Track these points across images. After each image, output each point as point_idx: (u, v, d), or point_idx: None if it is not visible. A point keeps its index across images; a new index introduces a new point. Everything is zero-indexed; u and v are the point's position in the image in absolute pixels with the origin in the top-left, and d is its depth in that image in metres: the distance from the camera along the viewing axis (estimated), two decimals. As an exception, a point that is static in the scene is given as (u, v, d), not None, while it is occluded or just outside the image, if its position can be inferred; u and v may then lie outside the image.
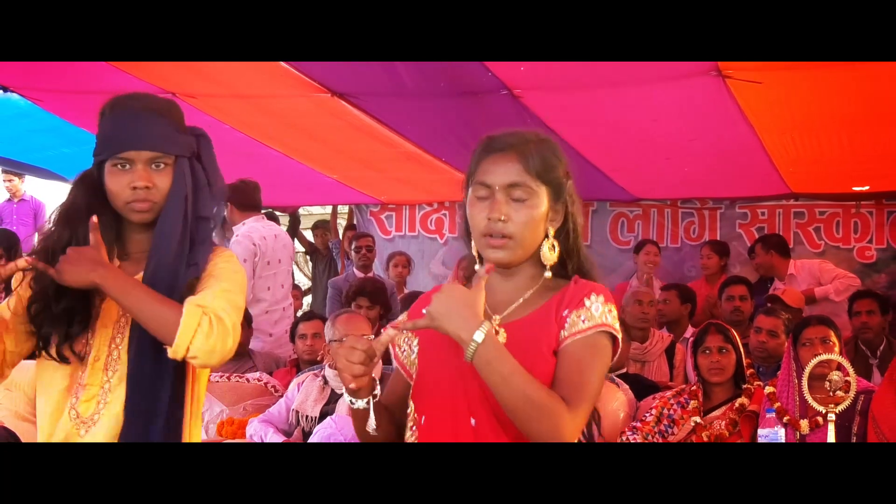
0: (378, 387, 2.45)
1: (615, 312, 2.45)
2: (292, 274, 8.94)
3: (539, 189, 2.43)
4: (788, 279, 8.65)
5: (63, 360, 2.74)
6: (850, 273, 8.83)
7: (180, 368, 2.73)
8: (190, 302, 2.61)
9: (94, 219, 2.70)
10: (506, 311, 2.49)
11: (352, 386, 2.36)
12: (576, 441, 2.35)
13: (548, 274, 2.49)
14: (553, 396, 2.29)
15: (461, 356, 2.28)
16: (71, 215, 2.77)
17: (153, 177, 2.73)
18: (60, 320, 2.73)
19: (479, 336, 2.24)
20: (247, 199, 7.56)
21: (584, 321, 2.39)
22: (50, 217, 2.84)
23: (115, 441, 2.71)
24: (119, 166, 2.72)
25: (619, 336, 2.44)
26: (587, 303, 2.41)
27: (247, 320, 7.26)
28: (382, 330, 2.39)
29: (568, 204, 2.51)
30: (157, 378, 2.70)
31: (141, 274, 2.74)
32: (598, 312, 2.41)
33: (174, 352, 2.57)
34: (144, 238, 2.80)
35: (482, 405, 2.36)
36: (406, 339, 2.63)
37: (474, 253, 2.52)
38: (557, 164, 2.48)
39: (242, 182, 7.51)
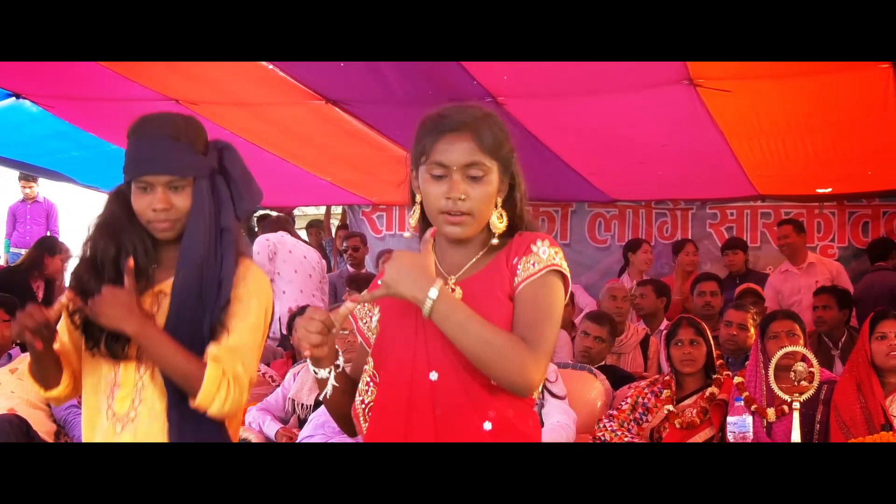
0: (341, 357, 2.46)
1: (562, 254, 2.46)
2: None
3: (492, 165, 2.42)
4: (808, 267, 8.63)
5: (115, 356, 2.74)
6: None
7: None
8: (212, 359, 2.63)
9: (130, 262, 2.70)
10: (459, 272, 2.49)
11: (306, 353, 2.37)
12: (542, 378, 2.36)
13: (495, 241, 2.48)
14: (513, 338, 2.30)
15: (420, 316, 2.29)
16: (113, 227, 2.77)
17: (172, 198, 2.72)
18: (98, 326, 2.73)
19: (433, 293, 2.25)
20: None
21: (533, 265, 2.40)
22: (88, 229, 2.83)
23: (153, 438, 2.70)
24: (141, 188, 2.72)
25: (568, 274, 2.45)
26: (534, 248, 2.42)
27: None
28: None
29: (514, 174, 2.51)
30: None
31: (170, 280, 2.74)
32: (545, 255, 2.42)
33: (193, 405, 2.62)
34: (175, 247, 2.78)
35: (445, 357, 2.35)
36: (367, 311, 2.61)
37: (411, 221, 2.55)
38: (505, 139, 2.47)
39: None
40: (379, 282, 2.38)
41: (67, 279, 2.84)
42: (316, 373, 2.44)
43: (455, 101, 5.88)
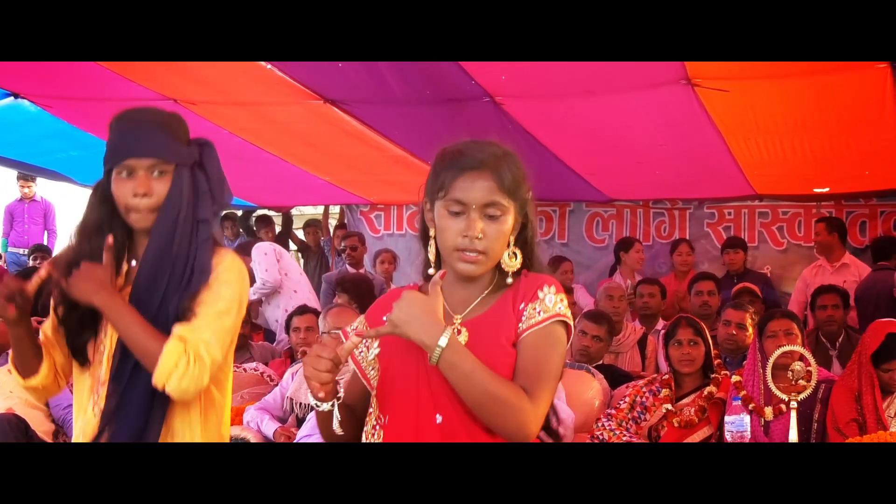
0: (341, 390, 2.44)
1: (566, 301, 2.45)
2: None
3: (509, 205, 2.41)
4: (842, 266, 8.62)
5: (86, 361, 2.76)
6: None
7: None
8: (175, 336, 2.62)
9: (110, 239, 2.71)
10: (465, 311, 2.47)
11: (321, 395, 2.35)
12: (539, 430, 2.35)
13: (510, 280, 2.46)
14: (516, 391, 2.29)
15: (423, 357, 2.29)
16: (87, 230, 2.78)
17: (152, 184, 2.72)
18: (77, 324, 2.75)
19: (443, 341, 2.23)
20: None
21: (539, 313, 2.39)
22: (73, 232, 2.84)
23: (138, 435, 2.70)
24: (123, 174, 2.72)
25: (572, 323, 2.45)
26: (541, 294, 2.41)
27: (249, 316, 7.39)
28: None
29: (528, 213, 2.50)
30: (139, 374, 2.70)
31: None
32: (551, 303, 2.41)
33: (154, 384, 2.61)
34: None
35: (449, 401, 2.34)
36: (364, 342, 2.59)
37: (430, 257, 2.49)
38: (523, 179, 2.46)
39: None
40: (384, 318, 2.35)
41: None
42: (317, 405, 2.40)
43: (453, 101, 5.84)
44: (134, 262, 2.80)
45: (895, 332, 5.04)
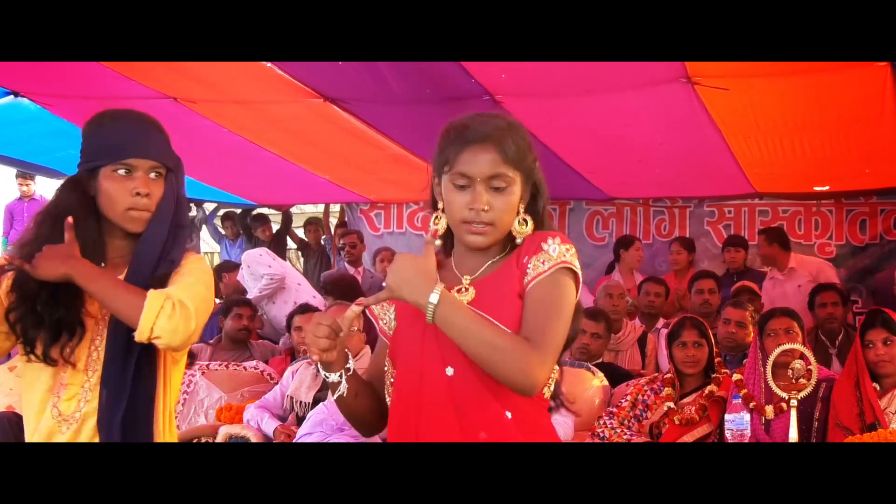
0: (351, 360, 2.46)
1: (573, 251, 2.46)
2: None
3: (515, 176, 2.44)
4: (788, 272, 8.66)
5: (50, 362, 2.74)
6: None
7: (152, 369, 2.76)
8: (153, 291, 2.62)
9: (70, 219, 2.70)
10: (475, 274, 2.50)
11: (314, 357, 2.37)
12: (547, 378, 2.38)
13: (518, 241, 2.50)
14: (516, 339, 2.31)
15: None
16: (58, 218, 2.75)
17: (151, 185, 2.72)
18: (51, 327, 2.72)
19: (433, 297, 2.26)
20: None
21: (543, 263, 2.41)
22: (35, 218, 2.82)
23: (96, 438, 2.72)
24: (121, 172, 2.71)
25: (580, 272, 2.45)
26: (544, 246, 2.44)
27: (253, 309, 7.44)
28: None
29: (537, 182, 2.53)
30: (128, 376, 2.70)
31: (121, 277, 2.73)
32: (556, 252, 2.43)
33: (140, 333, 2.58)
34: (125, 244, 2.81)
35: (459, 354, 2.35)
36: (384, 310, 2.64)
37: (440, 229, 2.52)
38: (528, 149, 2.49)
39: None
40: (382, 284, 2.38)
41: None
42: (327, 377, 2.44)
43: (453, 99, 5.84)
44: (103, 265, 2.78)
45: (878, 309, 5.17)
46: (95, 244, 2.76)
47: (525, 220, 2.49)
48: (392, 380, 2.52)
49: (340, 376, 2.42)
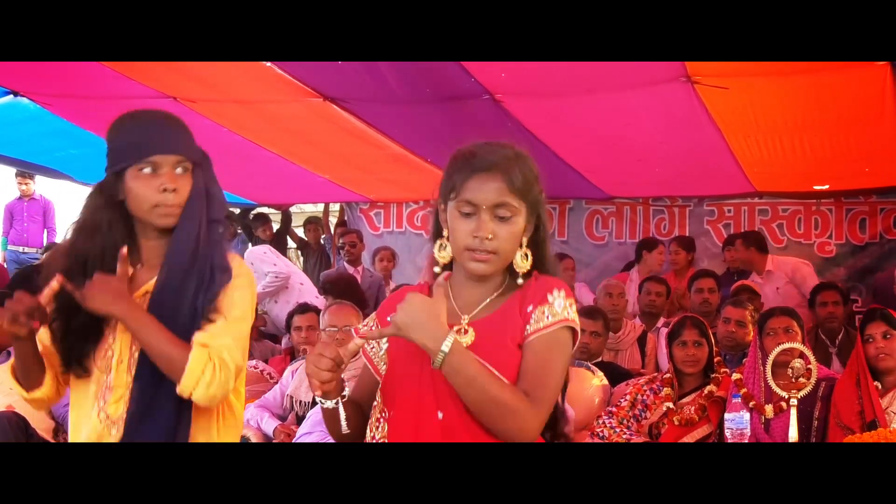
0: (347, 388, 2.45)
1: (575, 307, 2.47)
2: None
3: (520, 206, 2.43)
4: (766, 274, 8.66)
5: (85, 371, 2.74)
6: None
7: None
8: (197, 343, 2.63)
9: (124, 250, 2.70)
10: (474, 311, 2.49)
11: (318, 393, 2.37)
12: (538, 434, 2.37)
13: (520, 280, 2.48)
14: (517, 395, 2.31)
15: (427, 357, 2.30)
16: (92, 229, 2.75)
17: (178, 181, 2.72)
18: (78, 335, 2.73)
19: (446, 346, 2.25)
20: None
21: (547, 317, 2.41)
22: (67, 231, 2.82)
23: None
24: (147, 170, 2.70)
25: (579, 329, 2.46)
26: (550, 298, 2.43)
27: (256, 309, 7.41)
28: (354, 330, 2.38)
29: (540, 214, 2.52)
30: (161, 377, 2.69)
31: (154, 280, 2.74)
32: (560, 308, 2.42)
33: (179, 391, 2.61)
34: (159, 245, 2.79)
35: (451, 400, 2.35)
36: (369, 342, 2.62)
37: (438, 257, 2.52)
38: (535, 181, 2.48)
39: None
40: (388, 318, 2.37)
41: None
42: (322, 402, 2.42)
43: (452, 98, 5.84)
44: (139, 266, 2.79)
45: (878, 307, 5.19)
46: (129, 249, 2.74)
47: (527, 255, 2.48)
48: (381, 415, 2.51)
49: (336, 403, 2.41)
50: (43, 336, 2.80)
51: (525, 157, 2.49)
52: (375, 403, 2.54)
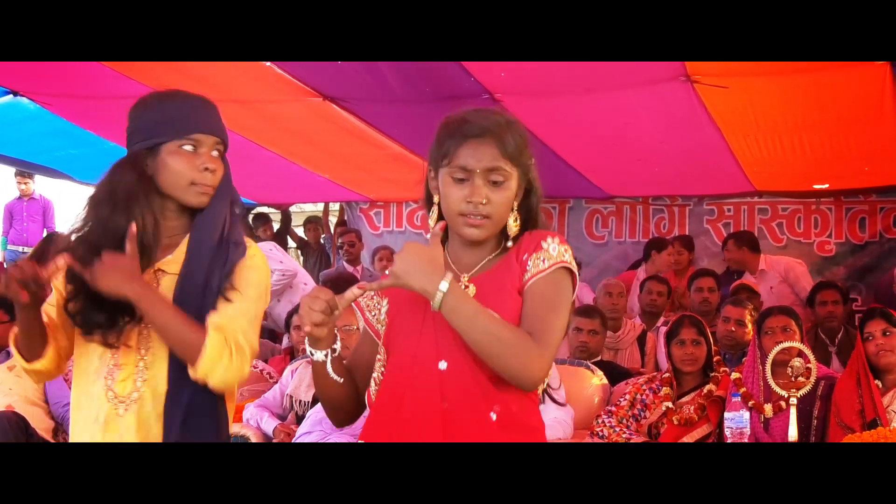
0: (339, 341, 2.46)
1: (571, 252, 2.51)
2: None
3: (512, 171, 2.46)
4: (760, 274, 8.66)
5: (110, 346, 2.70)
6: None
7: None
8: (212, 326, 2.61)
9: (133, 228, 2.66)
10: (472, 271, 2.52)
11: (307, 329, 2.37)
12: (545, 374, 2.39)
13: (510, 244, 2.52)
14: (520, 332, 2.33)
15: (429, 306, 2.31)
16: (126, 201, 2.68)
17: (215, 162, 2.75)
18: (111, 313, 2.68)
19: (443, 285, 2.26)
20: None
21: (543, 261, 2.45)
22: (90, 202, 2.75)
23: (156, 419, 2.69)
24: (188, 147, 2.70)
25: (577, 271, 2.50)
26: (544, 245, 2.47)
27: None
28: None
29: (531, 179, 2.55)
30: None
31: (169, 257, 2.74)
32: (555, 252, 2.46)
33: (194, 376, 2.60)
34: (177, 225, 2.78)
35: (454, 349, 2.37)
36: (375, 302, 2.63)
37: (431, 222, 2.53)
38: (525, 146, 2.51)
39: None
40: (386, 271, 2.38)
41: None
42: (312, 353, 2.44)
43: (452, 98, 5.85)
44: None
45: (877, 306, 5.23)
46: (155, 226, 2.71)
47: (517, 218, 2.52)
48: (384, 369, 2.54)
49: (326, 355, 2.43)
50: (49, 309, 2.78)
51: (516, 123, 2.53)
52: (378, 357, 2.57)
